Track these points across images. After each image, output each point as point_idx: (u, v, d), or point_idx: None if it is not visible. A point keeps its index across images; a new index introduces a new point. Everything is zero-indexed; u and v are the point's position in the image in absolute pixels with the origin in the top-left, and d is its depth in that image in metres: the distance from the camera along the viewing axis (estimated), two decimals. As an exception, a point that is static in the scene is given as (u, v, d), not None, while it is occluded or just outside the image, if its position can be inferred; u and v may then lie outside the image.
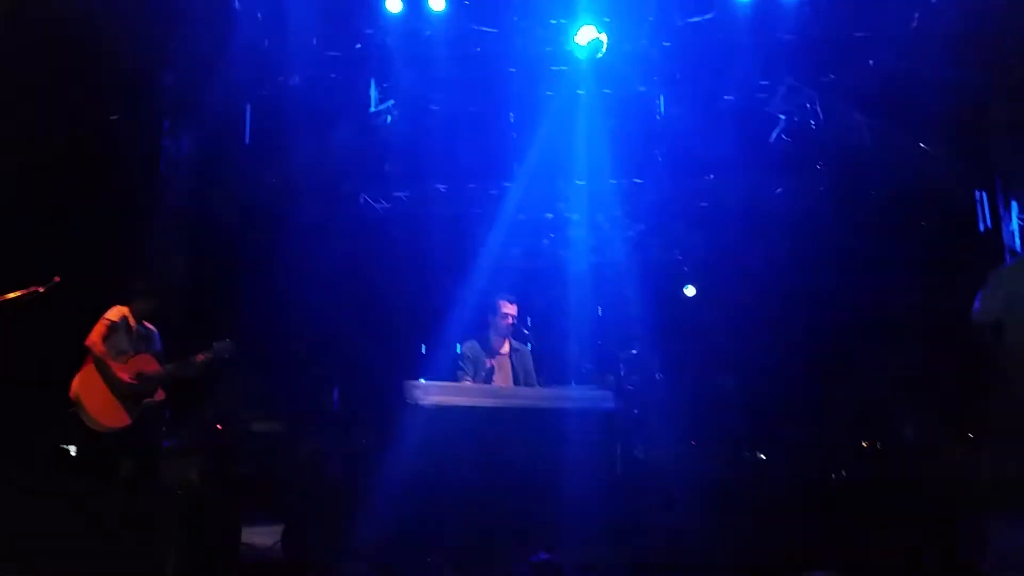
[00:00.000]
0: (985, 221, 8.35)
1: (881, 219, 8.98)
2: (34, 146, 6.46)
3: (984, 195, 8.34)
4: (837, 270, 9.59)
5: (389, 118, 8.76)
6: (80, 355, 5.36)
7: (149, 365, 5.44)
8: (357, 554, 4.37)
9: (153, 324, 5.68)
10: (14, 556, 3.75)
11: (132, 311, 5.51)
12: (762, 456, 7.44)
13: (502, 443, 4.76)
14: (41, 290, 4.97)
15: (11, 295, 4.87)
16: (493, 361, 5.57)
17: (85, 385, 5.24)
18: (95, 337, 5.31)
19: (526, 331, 5.96)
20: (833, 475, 6.33)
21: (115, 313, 5.43)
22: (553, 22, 8.09)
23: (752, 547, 4.53)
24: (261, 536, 4.83)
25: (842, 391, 9.28)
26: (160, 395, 5.45)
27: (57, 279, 5.02)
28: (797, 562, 4.50)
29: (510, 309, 5.59)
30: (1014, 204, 7.96)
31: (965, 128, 7.85)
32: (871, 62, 8.07)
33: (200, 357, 5.46)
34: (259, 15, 7.83)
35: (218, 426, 7.06)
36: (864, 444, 7.41)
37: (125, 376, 5.29)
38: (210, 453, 6.65)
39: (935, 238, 8.42)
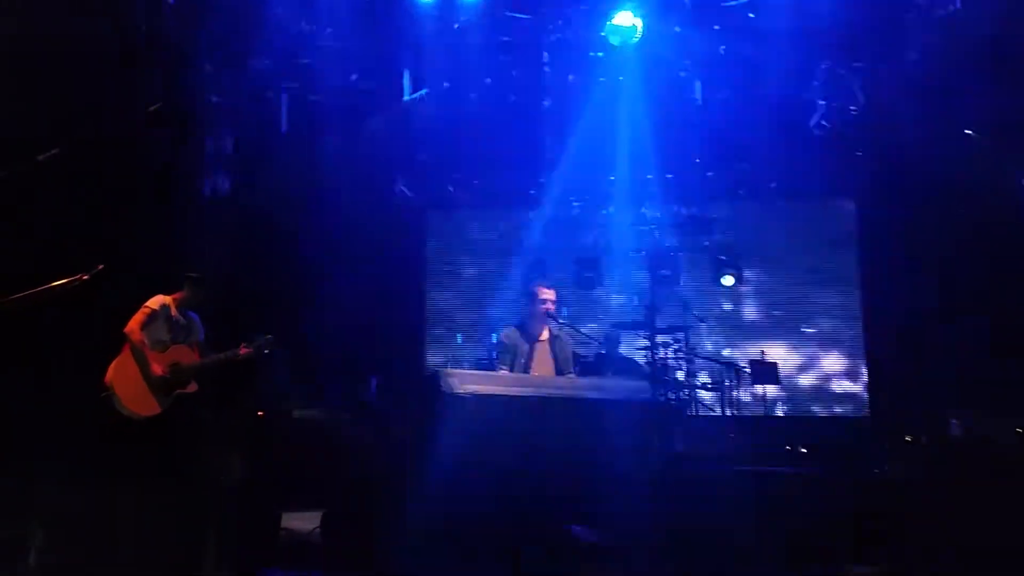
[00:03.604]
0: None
1: (926, 210, 8.79)
2: (74, 136, 6.56)
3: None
4: (882, 261, 9.44)
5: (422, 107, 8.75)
6: (119, 342, 5.43)
7: (186, 356, 5.47)
8: (394, 541, 4.39)
9: (197, 314, 5.71)
10: (56, 542, 3.81)
11: (177, 301, 5.56)
12: (803, 449, 7.31)
13: (538, 432, 4.73)
14: (85, 278, 5.03)
15: (56, 283, 4.94)
16: (533, 347, 5.54)
17: (120, 372, 5.32)
18: (134, 325, 5.37)
19: (561, 321, 5.92)
20: (876, 470, 6.21)
21: (156, 302, 5.47)
22: (587, 8, 8.01)
23: (793, 541, 4.47)
24: (300, 521, 4.88)
25: (889, 384, 9.14)
26: (192, 387, 5.45)
27: (101, 267, 5.07)
28: (839, 557, 4.43)
29: (548, 294, 5.55)
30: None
31: (1014, 114, 7.62)
32: (913, 45, 7.85)
33: (242, 352, 5.46)
34: (292, 4, 7.86)
35: (259, 413, 7.14)
36: (908, 439, 7.24)
37: (158, 368, 5.33)
38: (251, 440, 6.72)
39: (983, 226, 8.20)
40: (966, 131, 8.20)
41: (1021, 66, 7.25)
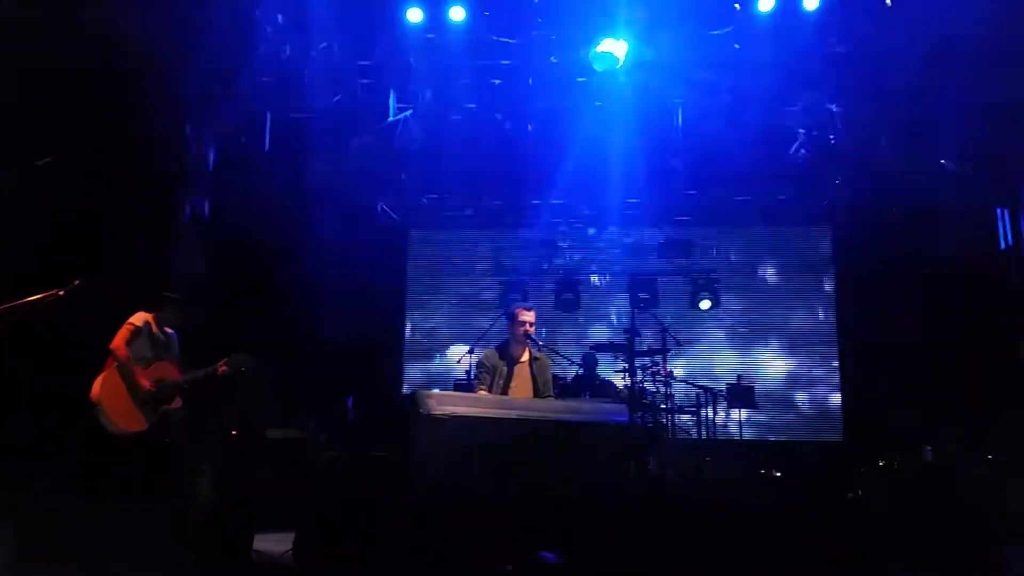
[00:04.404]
0: (1006, 238, 8.28)
1: (901, 236, 8.93)
2: (58, 153, 6.55)
3: (1006, 212, 8.27)
4: (858, 287, 9.54)
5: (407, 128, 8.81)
6: (100, 358, 5.42)
7: (169, 372, 5.52)
8: (368, 562, 4.36)
9: (174, 331, 5.74)
10: (29, 558, 3.78)
11: (156, 318, 5.59)
12: (778, 473, 7.35)
13: (515, 454, 4.72)
14: (61, 293, 5.02)
15: (32, 298, 4.92)
16: (512, 369, 5.55)
17: (106, 388, 5.30)
18: (119, 342, 5.38)
19: (540, 343, 5.94)
20: (850, 494, 6.24)
21: (139, 319, 5.50)
22: (572, 34, 8.11)
23: (766, 565, 4.47)
24: (273, 543, 4.83)
25: (862, 408, 9.21)
26: (177, 402, 5.51)
27: (77, 283, 5.06)
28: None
29: (528, 316, 5.56)
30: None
31: (986, 144, 7.79)
32: (891, 76, 8.02)
33: (221, 369, 5.50)
34: (280, 25, 7.91)
35: (233, 432, 7.09)
36: (882, 463, 7.30)
37: (146, 383, 5.37)
38: (224, 459, 6.67)
39: (955, 255, 8.34)
40: (941, 161, 8.37)
41: (995, 98, 7.44)
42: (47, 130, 6.33)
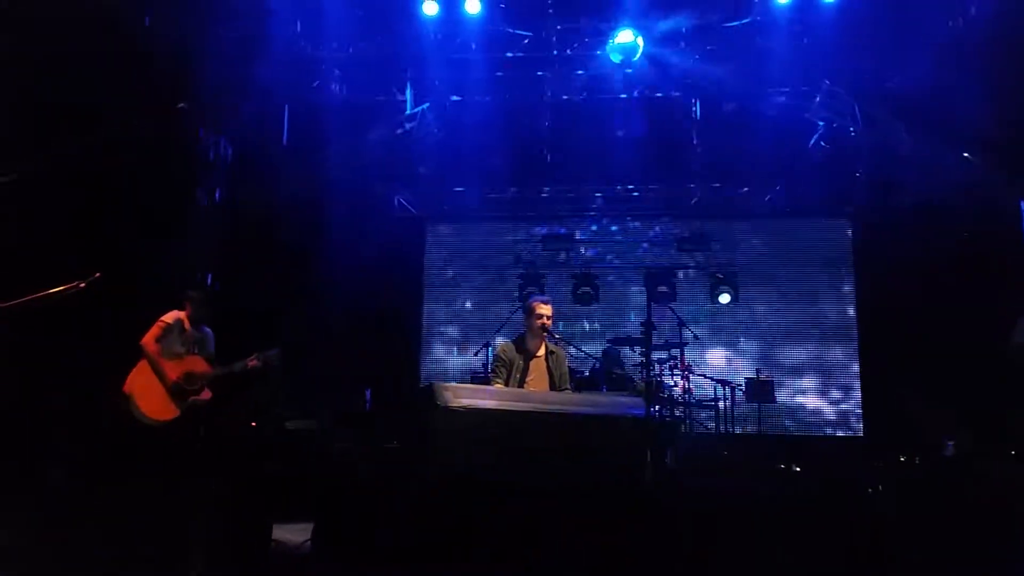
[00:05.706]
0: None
1: (922, 229, 8.82)
2: (72, 146, 6.61)
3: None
4: (878, 281, 9.45)
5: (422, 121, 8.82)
6: (126, 351, 5.68)
7: (199, 366, 5.76)
8: (384, 553, 4.38)
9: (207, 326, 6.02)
10: (47, 544, 3.83)
11: (189, 316, 5.87)
12: (796, 468, 7.30)
13: (532, 447, 4.72)
14: (82, 285, 5.08)
15: (54, 290, 4.98)
16: (529, 362, 5.54)
17: (139, 381, 5.61)
18: (149, 338, 5.67)
19: (557, 335, 5.93)
20: (870, 489, 6.19)
21: (171, 316, 5.79)
22: (587, 26, 8.08)
23: (783, 561, 4.45)
24: (291, 533, 4.86)
25: (883, 403, 9.13)
26: (206, 395, 5.78)
27: (98, 275, 5.13)
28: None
29: (545, 310, 5.54)
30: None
31: (1010, 136, 7.68)
32: (912, 68, 7.92)
33: (251, 364, 5.78)
34: (296, 17, 7.93)
35: (252, 423, 7.16)
36: (902, 458, 7.24)
37: (173, 375, 5.64)
38: (243, 450, 6.75)
39: (978, 248, 8.23)
40: (964, 154, 8.26)
41: (1019, 88, 7.32)
42: (60, 123, 6.39)
